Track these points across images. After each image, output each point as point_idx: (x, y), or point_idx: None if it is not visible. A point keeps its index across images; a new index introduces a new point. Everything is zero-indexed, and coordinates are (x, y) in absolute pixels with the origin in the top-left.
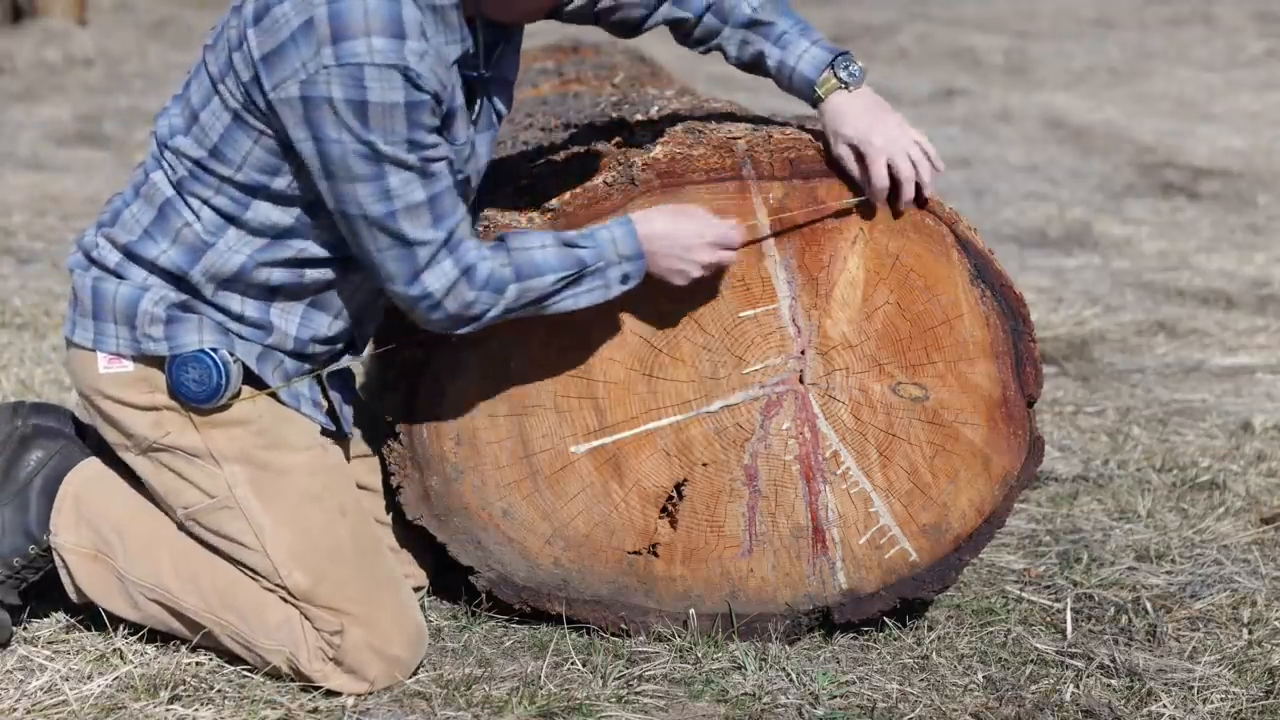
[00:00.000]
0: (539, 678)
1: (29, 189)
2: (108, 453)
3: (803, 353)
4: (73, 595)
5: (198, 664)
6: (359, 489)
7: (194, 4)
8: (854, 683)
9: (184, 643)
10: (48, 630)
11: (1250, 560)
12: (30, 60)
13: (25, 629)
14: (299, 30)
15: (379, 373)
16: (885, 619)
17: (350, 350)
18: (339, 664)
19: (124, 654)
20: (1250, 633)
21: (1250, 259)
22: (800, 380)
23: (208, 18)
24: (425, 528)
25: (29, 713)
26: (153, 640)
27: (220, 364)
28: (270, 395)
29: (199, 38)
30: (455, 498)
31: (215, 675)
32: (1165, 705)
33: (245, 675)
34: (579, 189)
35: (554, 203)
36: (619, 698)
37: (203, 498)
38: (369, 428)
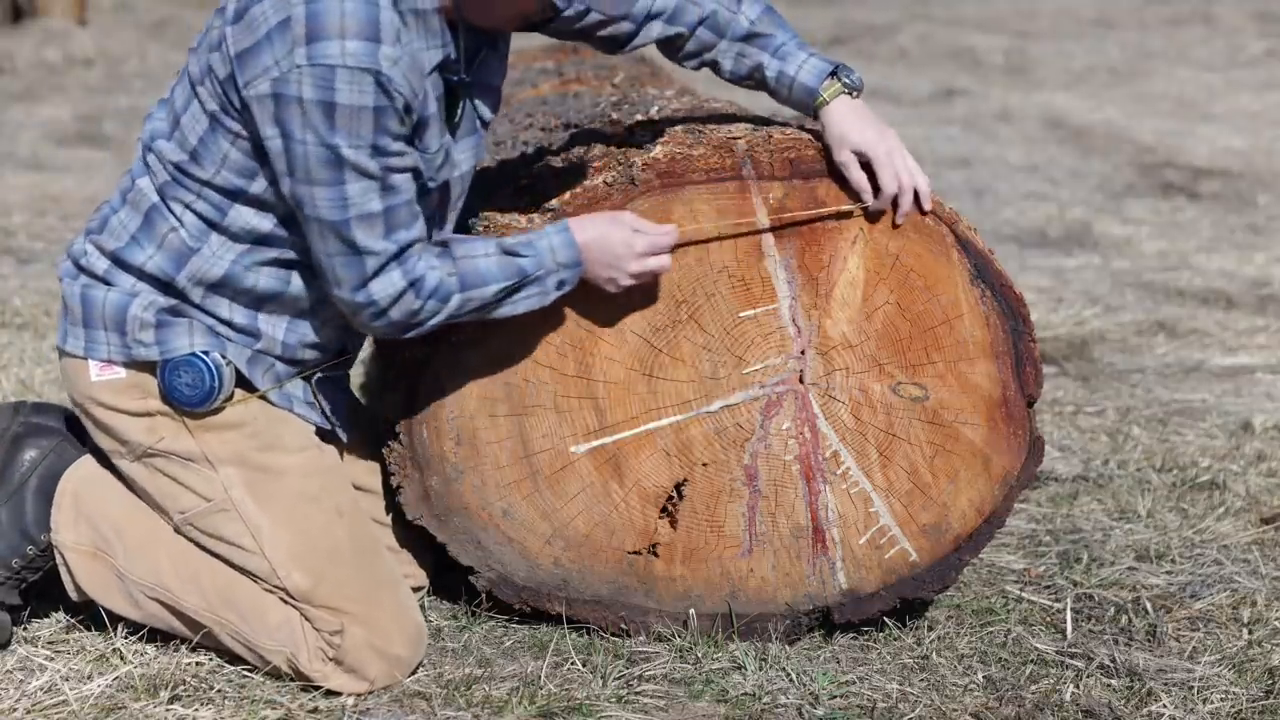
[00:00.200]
0: (539, 678)
1: (29, 189)
2: (103, 454)
3: (803, 353)
4: (73, 594)
5: (198, 664)
6: (358, 490)
7: (194, 4)
8: (854, 683)
9: (184, 642)
10: (48, 630)
11: (1250, 560)
12: (30, 60)
13: (25, 629)
14: (275, 29)
15: (379, 373)
16: (885, 619)
17: (342, 355)
18: (339, 664)
19: (124, 654)
20: (1250, 633)
21: (1250, 259)
22: (800, 380)
23: (207, 18)
24: (425, 528)
25: (29, 713)
26: (153, 640)
27: (213, 367)
28: (261, 398)
29: None
30: (455, 498)
31: (215, 675)
32: (1165, 705)
33: (245, 675)
34: (579, 189)
35: (554, 203)
36: (619, 698)
37: (199, 501)
38: (368, 429)
